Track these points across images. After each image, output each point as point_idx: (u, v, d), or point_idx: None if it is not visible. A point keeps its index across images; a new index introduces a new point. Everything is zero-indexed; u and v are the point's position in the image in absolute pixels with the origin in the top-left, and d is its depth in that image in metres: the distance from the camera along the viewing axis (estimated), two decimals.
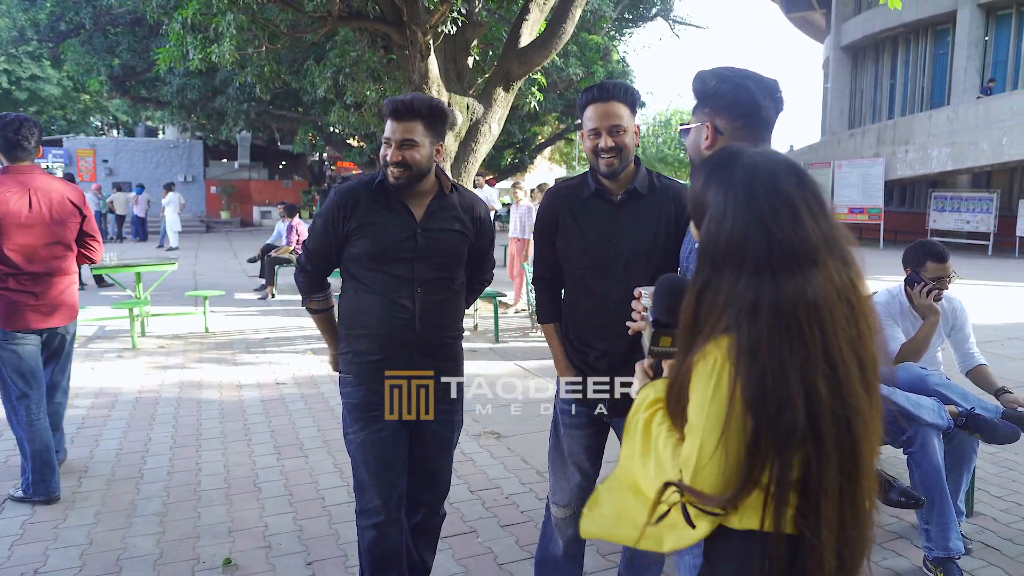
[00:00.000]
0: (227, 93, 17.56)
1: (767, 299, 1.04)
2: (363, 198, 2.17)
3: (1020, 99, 16.60)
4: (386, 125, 2.12)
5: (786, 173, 1.11)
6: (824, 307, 1.05)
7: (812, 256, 1.06)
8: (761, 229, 1.07)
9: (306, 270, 2.29)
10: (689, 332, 1.14)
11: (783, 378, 1.03)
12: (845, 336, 1.06)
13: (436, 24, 7.99)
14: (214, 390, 5.37)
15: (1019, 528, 3.23)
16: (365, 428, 2.18)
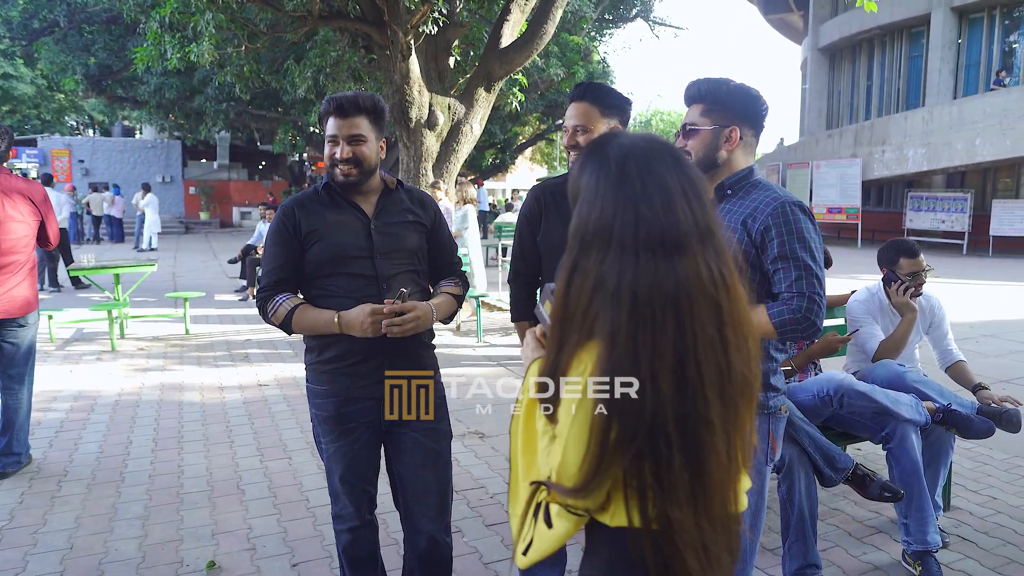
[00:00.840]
0: (206, 93, 17.42)
1: (627, 283, 0.99)
2: (309, 205, 2.11)
3: (992, 100, 16.90)
4: (328, 123, 2.05)
5: (662, 155, 1.07)
6: (684, 302, 0.99)
7: (680, 243, 1.01)
8: (630, 208, 1.02)
9: (267, 291, 2.10)
10: (559, 318, 1.08)
11: (633, 369, 0.98)
12: (705, 338, 1.00)
13: (417, 24, 7.98)
14: (195, 392, 5.32)
15: (994, 521, 3.30)
16: (340, 439, 2.12)
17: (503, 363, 6.36)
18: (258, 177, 29.76)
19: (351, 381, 2.10)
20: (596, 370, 1.00)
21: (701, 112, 1.86)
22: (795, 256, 1.73)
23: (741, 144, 1.87)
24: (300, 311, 2.06)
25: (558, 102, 21.69)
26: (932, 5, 19.10)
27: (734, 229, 1.81)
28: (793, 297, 1.72)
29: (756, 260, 1.79)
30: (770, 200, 1.79)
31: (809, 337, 1.74)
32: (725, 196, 1.89)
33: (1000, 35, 18.73)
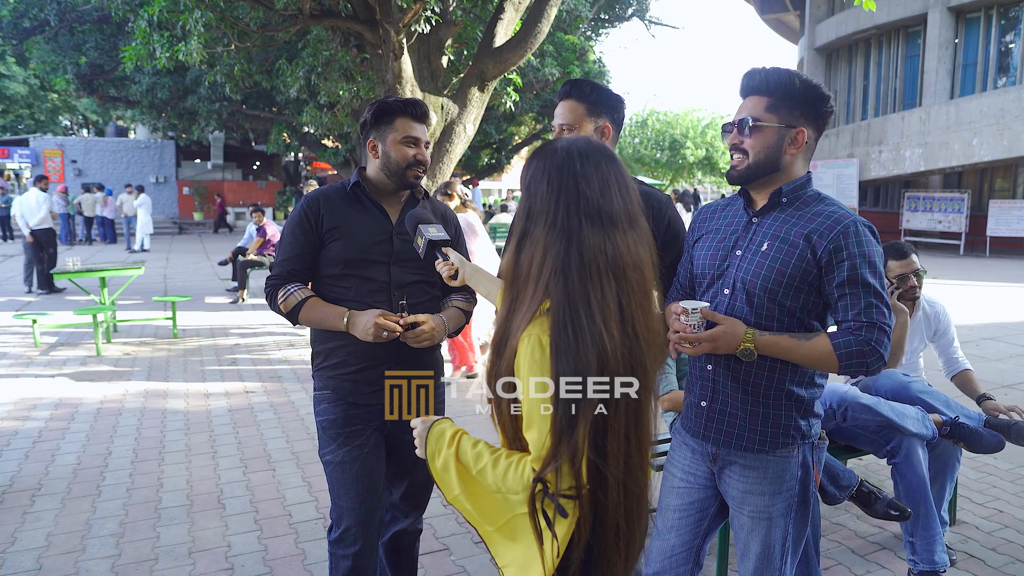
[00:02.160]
0: (198, 93, 17.25)
1: (575, 246, 1.16)
2: (335, 201, 2.10)
3: (989, 100, 16.82)
4: (402, 123, 2.08)
5: (600, 152, 1.24)
6: (619, 265, 1.17)
7: (614, 219, 1.19)
8: (574, 186, 1.19)
9: (278, 279, 2.08)
10: (511, 284, 1.24)
11: (588, 319, 1.12)
12: (636, 297, 1.18)
13: (410, 23, 7.85)
14: (180, 399, 5.19)
15: (1002, 537, 3.18)
16: (344, 446, 2.08)
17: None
18: (252, 177, 29.57)
19: (355, 388, 2.08)
20: (553, 324, 1.14)
21: (767, 107, 1.67)
22: (865, 282, 1.58)
23: (804, 148, 1.70)
24: (311, 303, 2.05)
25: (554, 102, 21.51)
26: (929, 5, 19.01)
27: (792, 243, 1.64)
28: (862, 327, 1.56)
29: (815, 280, 1.63)
30: (840, 218, 1.62)
31: (874, 372, 1.59)
32: (779, 204, 1.71)
33: (997, 35, 18.64)
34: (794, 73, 1.67)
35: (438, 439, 1.32)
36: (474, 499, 1.26)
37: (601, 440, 1.15)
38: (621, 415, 1.16)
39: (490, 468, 1.22)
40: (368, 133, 2.14)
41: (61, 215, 17.35)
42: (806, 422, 1.70)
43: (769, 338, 1.60)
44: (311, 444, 4.25)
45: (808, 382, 1.69)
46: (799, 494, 1.71)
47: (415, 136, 2.07)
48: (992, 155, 16.47)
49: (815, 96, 1.66)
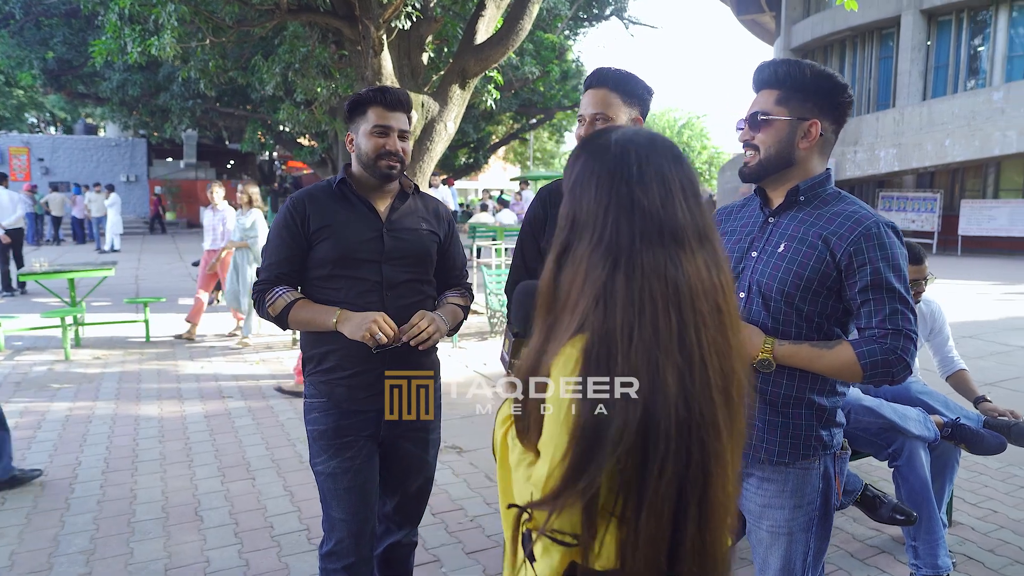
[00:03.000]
0: (171, 90, 16.89)
1: (623, 270, 0.93)
2: (321, 200, 2.02)
3: (961, 102, 17.07)
4: (373, 113, 1.97)
5: (664, 149, 1.02)
6: (685, 292, 0.93)
7: (678, 237, 0.95)
8: (627, 195, 0.96)
9: (266, 283, 2.00)
10: (548, 308, 1.02)
11: (627, 365, 0.88)
12: (709, 335, 0.93)
13: (390, 19, 7.71)
14: (153, 405, 5.00)
15: (998, 538, 3.15)
16: (336, 456, 1.99)
17: (478, 369, 6.13)
18: (227, 176, 29.12)
19: (349, 393, 1.99)
20: (584, 363, 0.91)
21: (777, 99, 1.59)
22: (890, 287, 1.49)
23: (820, 141, 1.60)
24: (299, 305, 1.96)
25: (532, 101, 21.51)
26: (902, 7, 19.26)
27: (811, 244, 1.56)
28: (887, 335, 1.48)
29: (835, 284, 1.54)
30: (860, 218, 1.54)
31: (899, 381, 1.51)
32: (797, 203, 1.62)
33: (967, 38, 18.95)
34: (804, 63, 1.60)
35: (503, 411, 1.16)
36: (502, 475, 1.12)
37: (631, 511, 0.91)
38: (667, 487, 0.90)
39: (514, 464, 1.07)
40: (348, 128, 2.08)
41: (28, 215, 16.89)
42: (828, 432, 1.62)
43: (788, 348, 1.52)
44: (292, 451, 4.11)
45: (830, 391, 1.61)
46: (820, 507, 1.63)
47: (385, 125, 1.97)
48: (964, 155, 16.71)
49: (828, 86, 1.58)
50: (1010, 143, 16.11)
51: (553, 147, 43.81)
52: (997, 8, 18.02)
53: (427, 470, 2.20)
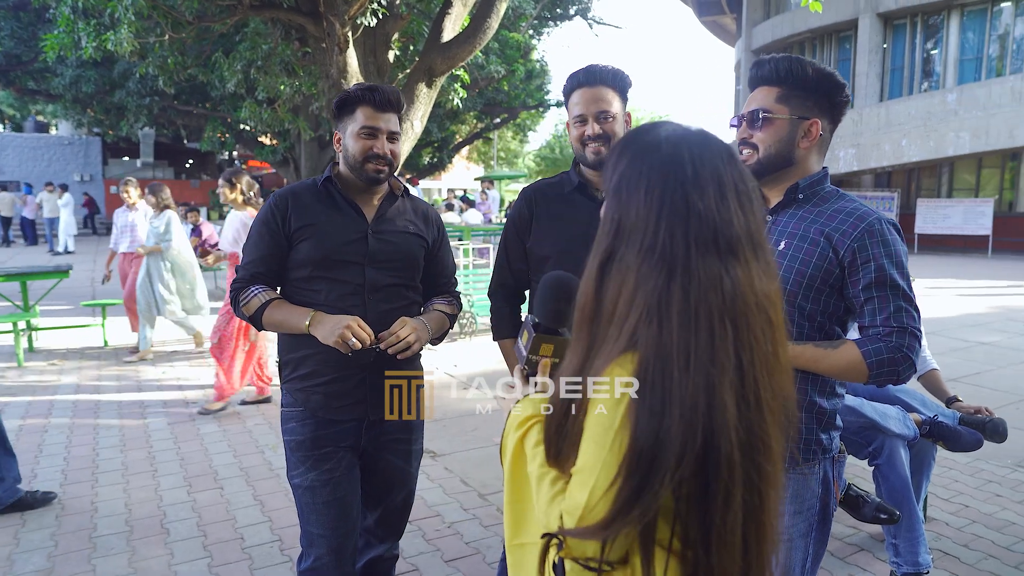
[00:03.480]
0: (127, 87, 16.44)
1: (679, 282, 0.86)
2: (305, 198, 1.95)
3: (916, 103, 17.52)
4: (361, 113, 1.90)
5: (719, 148, 0.94)
6: (741, 306, 0.87)
7: (733, 245, 0.89)
8: (680, 197, 0.89)
9: (242, 282, 1.94)
10: (588, 320, 0.94)
11: (685, 384, 0.83)
12: (761, 351, 0.88)
13: (355, 16, 7.58)
14: (114, 413, 4.82)
15: (971, 532, 3.19)
16: (314, 468, 1.90)
17: (449, 372, 6.05)
18: (185, 176, 28.49)
19: (326, 401, 1.90)
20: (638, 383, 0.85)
21: (777, 97, 1.55)
22: (893, 284, 1.46)
23: (818, 141, 1.58)
24: (274, 305, 1.90)
25: (496, 100, 21.45)
26: (859, 10, 19.67)
27: (813, 241, 1.52)
28: (892, 333, 1.44)
29: (837, 282, 1.51)
30: (863, 215, 1.51)
31: (905, 380, 1.48)
32: (796, 201, 1.59)
33: (921, 41, 19.45)
34: (806, 61, 1.56)
35: (517, 415, 1.10)
36: (514, 496, 1.06)
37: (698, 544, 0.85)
38: (733, 511, 0.85)
39: (535, 480, 0.99)
40: (335, 127, 2.00)
41: None
42: (827, 435, 1.59)
43: (792, 349, 1.48)
44: (260, 458, 3.99)
45: (830, 392, 1.58)
46: (819, 512, 1.60)
47: (374, 126, 1.89)
48: (920, 156, 17.15)
49: (829, 85, 1.55)
50: (963, 144, 16.59)
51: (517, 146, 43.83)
52: (949, 13, 18.53)
53: (410, 482, 2.13)
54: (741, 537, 0.87)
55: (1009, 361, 6.44)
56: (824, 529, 1.63)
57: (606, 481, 0.85)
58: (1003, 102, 16.22)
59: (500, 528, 3.20)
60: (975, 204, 17.51)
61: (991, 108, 16.27)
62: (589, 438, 0.89)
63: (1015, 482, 3.74)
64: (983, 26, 18.15)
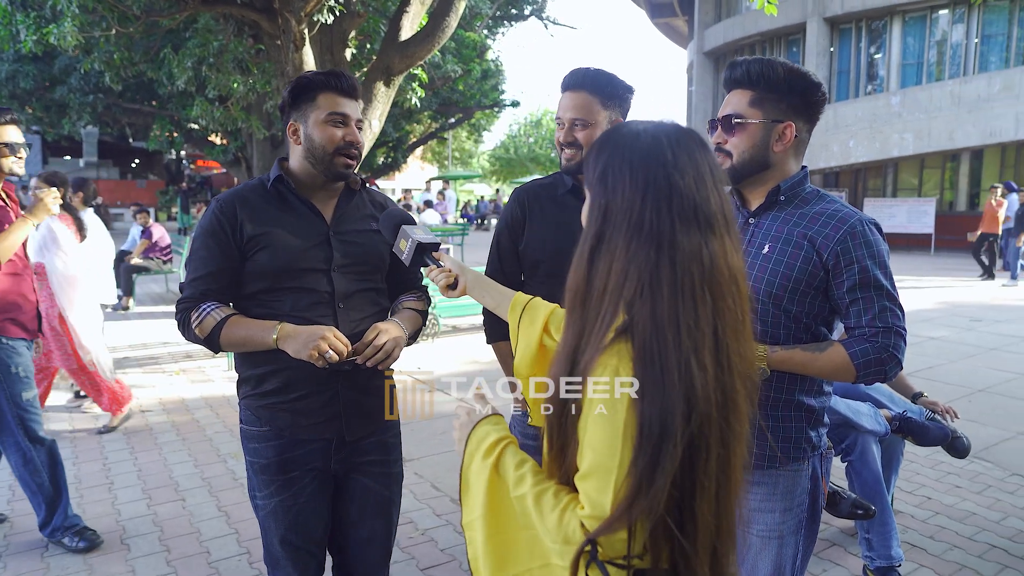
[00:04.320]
0: (69, 83, 15.83)
1: (667, 255, 0.93)
2: (255, 202, 1.75)
3: (863, 106, 18.07)
4: (325, 99, 1.73)
5: (691, 136, 1.02)
6: (717, 276, 0.95)
7: (711, 220, 0.97)
8: (663, 177, 0.96)
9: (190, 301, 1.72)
10: (581, 302, 1.00)
11: (676, 349, 0.90)
12: (732, 318, 0.96)
13: (311, 12, 7.44)
14: (63, 423, 4.61)
15: (936, 524, 3.27)
16: (280, 492, 1.76)
17: (412, 374, 5.98)
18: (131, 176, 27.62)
19: (293, 419, 1.74)
20: (638, 356, 0.91)
21: (751, 101, 1.54)
22: (878, 285, 1.47)
23: (795, 142, 1.57)
24: (232, 322, 1.68)
25: (451, 100, 21.36)
26: (807, 14, 20.17)
27: (796, 244, 1.52)
28: (878, 333, 1.45)
29: (822, 283, 1.51)
30: (844, 216, 1.51)
31: (891, 377, 1.50)
32: (777, 203, 1.59)
33: (866, 46, 20.05)
34: (778, 62, 1.55)
35: (480, 440, 1.09)
36: (495, 528, 1.02)
37: (688, 501, 0.91)
38: (712, 466, 0.92)
39: (531, 500, 0.99)
40: (288, 116, 1.79)
41: None
42: (816, 433, 1.60)
43: (782, 354, 1.48)
44: (223, 467, 3.86)
45: (818, 391, 1.59)
46: (808, 509, 1.60)
47: (343, 112, 1.73)
48: (866, 156, 17.69)
49: (803, 86, 1.54)
50: (907, 145, 17.17)
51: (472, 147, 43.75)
52: (891, 18, 19.14)
53: (390, 511, 1.91)
54: (715, 483, 0.93)
55: (959, 355, 6.66)
56: (813, 525, 1.64)
57: (624, 463, 0.89)
58: (943, 105, 16.84)
59: None
60: (919, 203, 18.11)
61: (932, 111, 16.87)
62: (596, 438, 0.92)
63: (972, 473, 3.85)
64: (923, 32, 18.81)
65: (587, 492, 0.93)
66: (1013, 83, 16.18)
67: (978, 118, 16.33)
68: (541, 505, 0.98)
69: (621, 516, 0.88)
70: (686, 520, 0.92)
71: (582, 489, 0.94)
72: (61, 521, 2.99)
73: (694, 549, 0.92)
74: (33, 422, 2.93)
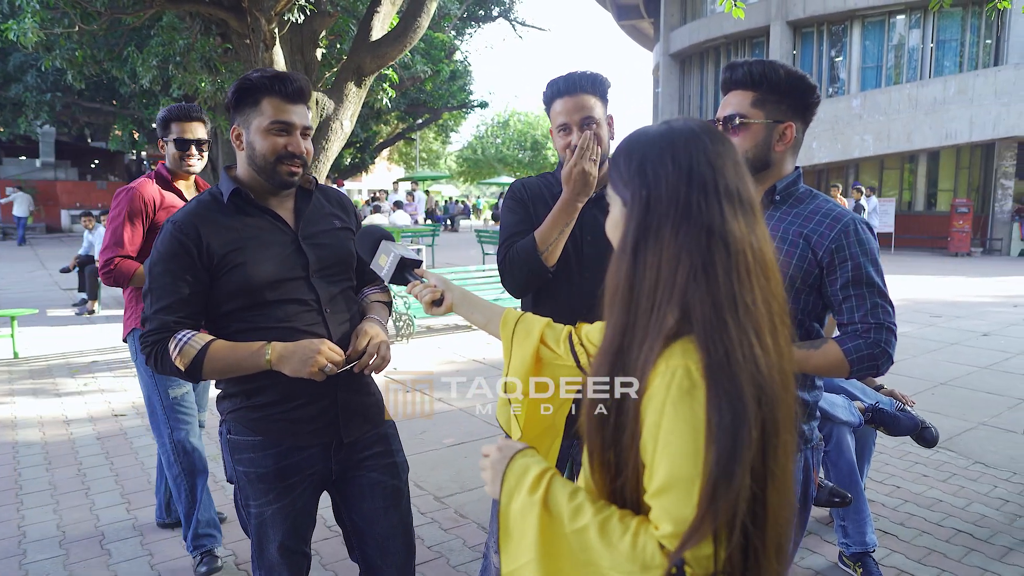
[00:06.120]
0: (25, 81, 15.40)
1: (718, 239, 0.90)
2: (215, 218, 1.67)
3: (825, 108, 18.44)
4: (268, 105, 1.66)
5: (715, 129, 1.00)
6: (766, 260, 0.93)
7: (753, 207, 0.95)
8: (706, 163, 0.94)
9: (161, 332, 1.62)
10: (623, 303, 0.94)
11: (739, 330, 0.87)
12: (780, 302, 0.94)
13: (281, 11, 7.37)
14: (33, 429, 4.51)
15: (905, 511, 3.38)
16: (280, 499, 1.73)
17: (387, 373, 5.97)
18: (91, 177, 26.96)
19: (291, 428, 1.71)
20: (701, 342, 0.86)
21: (752, 102, 1.58)
22: (870, 282, 1.52)
23: (793, 143, 1.62)
24: (215, 349, 1.61)
25: (420, 100, 21.29)
26: (771, 18, 20.56)
27: (792, 243, 1.57)
28: (870, 329, 1.50)
29: (816, 281, 1.57)
30: (838, 215, 1.57)
31: (883, 372, 1.55)
32: (773, 203, 1.64)
33: (827, 49, 20.51)
34: (779, 64, 1.61)
35: (520, 476, 0.98)
36: (551, 570, 0.92)
37: (760, 496, 0.86)
38: (781, 453, 0.88)
39: (595, 531, 0.89)
40: (232, 119, 1.72)
41: None
42: (808, 427, 1.65)
43: None
44: None
45: (810, 386, 1.65)
46: (800, 500, 1.66)
47: (286, 120, 1.66)
48: (828, 157, 18.12)
49: (802, 88, 1.60)
50: (867, 147, 17.62)
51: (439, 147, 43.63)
52: (852, 22, 19.61)
53: (402, 501, 1.88)
54: (783, 472, 0.90)
55: (920, 350, 6.87)
56: (803, 515, 1.70)
57: (698, 464, 0.84)
58: (901, 108, 17.32)
59: (461, 531, 3.18)
60: (879, 204, 18.58)
61: (891, 113, 17.34)
62: (671, 446, 0.86)
63: (938, 462, 3.99)
64: (881, 36, 19.31)
65: (666, 508, 0.85)
66: (967, 87, 16.72)
67: (934, 120, 16.84)
68: (608, 534, 0.89)
69: (704, 520, 0.82)
70: (758, 515, 0.87)
71: (659, 506, 0.87)
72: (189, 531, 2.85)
73: (763, 547, 0.87)
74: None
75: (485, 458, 1.06)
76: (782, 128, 1.60)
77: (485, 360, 6.51)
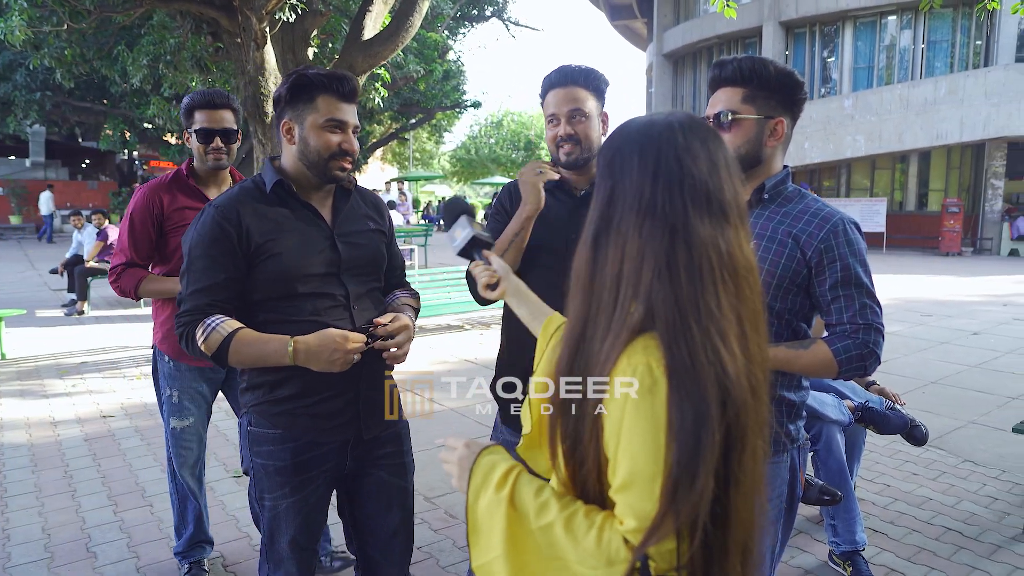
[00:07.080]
0: (14, 80, 15.30)
1: (682, 239, 0.89)
2: (257, 207, 1.70)
3: (817, 108, 18.54)
4: (325, 104, 1.70)
5: (703, 126, 0.98)
6: (735, 265, 0.91)
7: (725, 210, 0.92)
8: (674, 159, 0.92)
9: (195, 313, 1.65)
10: (586, 290, 0.95)
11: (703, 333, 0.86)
12: (751, 308, 0.92)
13: (273, 11, 7.34)
14: (20, 431, 4.47)
15: (895, 510, 3.39)
16: (294, 493, 1.74)
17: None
18: (82, 177, 26.82)
19: (313, 423, 1.73)
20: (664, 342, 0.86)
21: (743, 98, 1.57)
22: (859, 283, 1.52)
23: (783, 140, 1.61)
24: (240, 338, 1.63)
25: (413, 100, 21.26)
26: (763, 18, 20.62)
27: (780, 242, 1.56)
28: (859, 329, 1.50)
29: (804, 281, 1.56)
30: (827, 215, 1.56)
31: (871, 372, 1.54)
32: (761, 201, 1.63)
33: (819, 49, 20.58)
34: (767, 60, 1.60)
35: (487, 473, 0.99)
36: (518, 565, 0.93)
37: (723, 497, 0.87)
38: (747, 458, 0.88)
39: (560, 527, 0.91)
40: (283, 112, 1.75)
41: None
42: (795, 426, 1.65)
43: None
44: None
45: (797, 386, 1.64)
46: (787, 499, 1.66)
47: (341, 119, 1.71)
48: (821, 157, 18.18)
49: (791, 84, 1.60)
50: (859, 147, 17.69)
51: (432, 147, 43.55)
52: (844, 23, 19.69)
53: (407, 501, 1.91)
54: (749, 477, 0.90)
55: (911, 349, 6.89)
56: (791, 515, 1.70)
57: (659, 460, 0.84)
58: (893, 108, 17.40)
59: (450, 531, 3.16)
60: (871, 203, 18.66)
61: (883, 113, 17.42)
62: (633, 443, 0.86)
63: (928, 461, 4.00)
64: (873, 37, 19.39)
65: (629, 503, 0.86)
66: (957, 87, 16.81)
67: (925, 121, 16.93)
68: (573, 530, 0.90)
69: (665, 518, 0.83)
70: (719, 518, 0.87)
71: (622, 501, 0.88)
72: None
73: (725, 549, 0.88)
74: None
75: (451, 451, 1.07)
76: (773, 124, 1.59)
77: (477, 360, 6.49)
